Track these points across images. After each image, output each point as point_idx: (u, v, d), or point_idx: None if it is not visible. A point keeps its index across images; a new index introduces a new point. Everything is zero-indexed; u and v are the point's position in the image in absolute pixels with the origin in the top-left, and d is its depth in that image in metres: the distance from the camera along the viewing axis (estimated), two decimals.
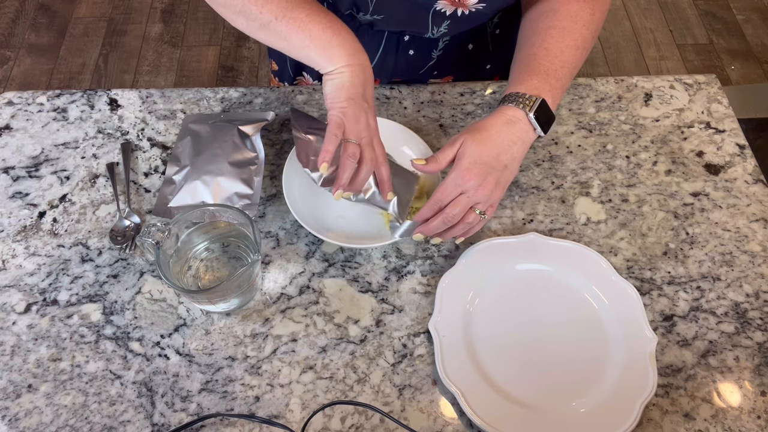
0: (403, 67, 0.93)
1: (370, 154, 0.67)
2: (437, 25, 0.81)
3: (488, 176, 0.67)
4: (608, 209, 0.80)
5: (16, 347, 0.69)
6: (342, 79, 0.66)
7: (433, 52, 0.91)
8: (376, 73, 0.94)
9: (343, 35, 0.67)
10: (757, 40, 2.29)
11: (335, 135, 0.64)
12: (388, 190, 0.70)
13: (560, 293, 0.73)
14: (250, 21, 0.68)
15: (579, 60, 0.74)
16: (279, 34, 0.68)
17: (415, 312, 0.72)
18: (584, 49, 0.74)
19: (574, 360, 0.68)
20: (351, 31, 0.68)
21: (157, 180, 0.82)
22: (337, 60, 0.66)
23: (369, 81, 0.67)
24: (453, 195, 0.68)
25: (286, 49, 0.69)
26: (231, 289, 0.66)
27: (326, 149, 0.64)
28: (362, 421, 0.64)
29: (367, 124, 0.67)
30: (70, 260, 0.75)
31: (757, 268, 0.76)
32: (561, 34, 0.73)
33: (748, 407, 0.66)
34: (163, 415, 0.65)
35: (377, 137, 0.68)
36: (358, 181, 0.67)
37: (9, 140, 0.85)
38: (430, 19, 0.80)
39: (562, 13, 0.73)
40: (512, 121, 0.69)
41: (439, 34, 0.84)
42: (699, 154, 0.86)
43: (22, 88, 2.11)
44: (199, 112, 0.88)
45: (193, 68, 2.19)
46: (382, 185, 0.70)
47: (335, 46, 0.66)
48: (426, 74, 0.96)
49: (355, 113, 0.65)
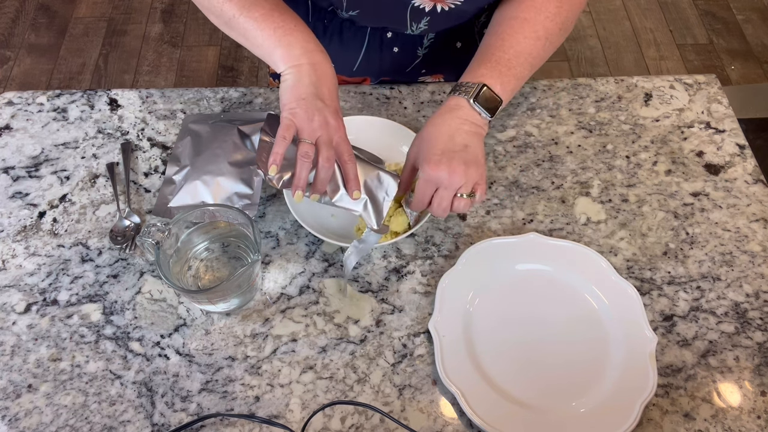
0: (389, 65, 0.93)
1: (326, 153, 0.63)
2: (416, 21, 0.81)
3: (452, 161, 0.66)
4: (608, 209, 0.80)
5: (16, 347, 0.68)
6: (291, 79, 0.65)
7: (418, 50, 0.90)
8: (363, 71, 0.94)
9: (295, 35, 0.66)
10: (757, 40, 2.29)
11: (283, 137, 0.63)
12: (353, 188, 0.66)
13: (560, 293, 0.73)
14: (217, 18, 0.70)
15: (540, 50, 0.73)
16: (239, 32, 0.69)
17: (415, 312, 0.72)
18: (547, 40, 0.73)
19: (574, 360, 0.68)
20: (307, 30, 0.68)
21: (157, 180, 0.82)
22: (287, 59, 0.66)
23: (324, 79, 0.66)
24: (430, 193, 0.68)
25: (249, 47, 0.70)
26: (231, 289, 0.66)
27: (275, 152, 0.62)
28: (362, 421, 0.64)
29: (323, 123, 0.64)
30: (70, 260, 0.75)
31: (757, 268, 0.76)
32: (521, 24, 0.73)
33: (748, 407, 0.66)
34: (163, 415, 0.65)
35: (339, 135, 0.65)
36: (318, 182, 0.64)
37: (9, 140, 0.85)
38: (408, 15, 0.80)
39: (526, 4, 0.74)
40: (454, 108, 0.70)
41: (420, 30, 0.84)
42: (699, 154, 0.86)
43: (22, 88, 2.11)
44: (199, 112, 0.88)
45: (193, 68, 2.18)
46: (348, 183, 0.66)
47: (284, 46, 0.66)
48: (414, 72, 0.95)
49: (306, 112, 0.63)
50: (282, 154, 0.63)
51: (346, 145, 0.66)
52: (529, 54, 0.72)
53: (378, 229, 0.68)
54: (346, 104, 0.89)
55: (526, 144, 0.86)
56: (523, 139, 0.86)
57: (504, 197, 0.81)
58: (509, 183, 0.82)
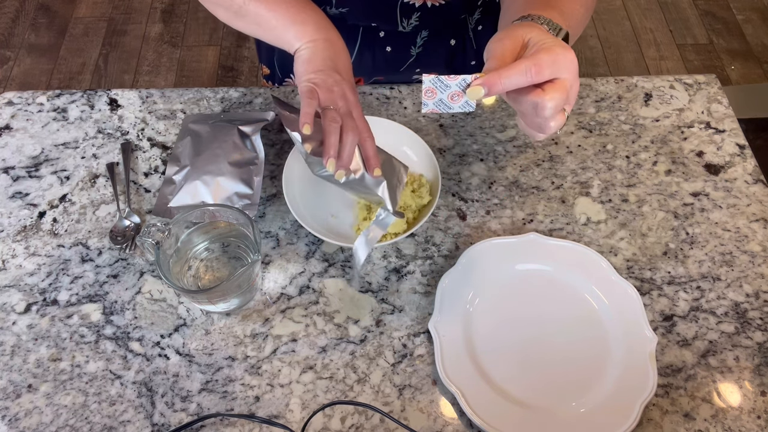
0: (382, 64, 0.92)
1: (350, 123, 0.61)
2: (406, 17, 0.81)
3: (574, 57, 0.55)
4: (608, 209, 0.80)
5: (16, 347, 0.68)
6: (307, 54, 0.65)
7: (411, 48, 0.90)
8: (356, 71, 0.94)
9: (308, 12, 0.66)
10: (757, 40, 2.29)
11: (310, 99, 0.60)
12: (374, 166, 0.63)
13: (560, 293, 0.73)
14: (226, 10, 0.70)
15: (583, 18, 0.67)
16: (251, 18, 0.69)
17: (415, 312, 0.72)
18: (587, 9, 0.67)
19: (574, 360, 0.68)
20: (318, 9, 0.68)
21: (157, 180, 0.82)
22: (301, 36, 0.66)
23: (340, 54, 0.65)
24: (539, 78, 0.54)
25: (261, 34, 0.69)
26: (231, 289, 0.66)
27: (305, 112, 0.59)
28: (362, 421, 0.64)
29: (342, 95, 0.62)
30: (70, 260, 0.75)
31: (757, 268, 0.76)
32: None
33: (748, 407, 0.66)
34: (163, 415, 0.65)
35: (357, 110, 0.63)
36: (345, 154, 0.61)
37: (9, 140, 0.85)
38: (398, 11, 0.80)
39: None
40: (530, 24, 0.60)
41: (411, 27, 0.83)
42: (699, 154, 0.86)
43: (22, 88, 2.11)
44: (199, 112, 0.88)
45: (193, 68, 2.19)
46: (368, 161, 0.63)
47: (298, 23, 0.66)
48: (407, 72, 0.95)
49: (326, 82, 0.62)
50: (312, 114, 0.59)
51: (364, 121, 0.64)
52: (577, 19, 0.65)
53: (395, 213, 0.65)
54: None
55: (526, 144, 0.86)
56: (523, 139, 0.86)
57: (504, 197, 0.81)
58: (509, 183, 0.82)
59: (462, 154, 0.85)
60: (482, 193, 0.81)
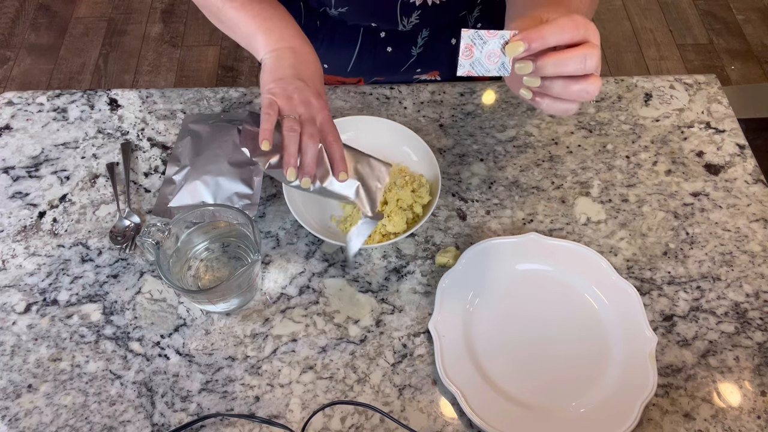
0: (383, 65, 0.92)
1: (310, 129, 0.61)
2: (407, 15, 0.80)
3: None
4: (608, 209, 0.80)
5: (16, 347, 0.69)
6: (270, 62, 0.65)
7: (412, 48, 0.90)
8: (357, 71, 0.94)
9: (274, 21, 0.67)
10: (757, 40, 2.29)
11: (268, 114, 0.60)
12: (340, 170, 0.62)
13: (560, 293, 0.73)
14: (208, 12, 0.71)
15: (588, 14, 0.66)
16: (227, 24, 0.70)
17: (415, 312, 0.72)
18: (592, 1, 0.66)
19: (574, 360, 0.68)
20: (288, 18, 0.68)
21: (157, 180, 0.82)
22: (265, 44, 0.66)
23: (306, 63, 0.65)
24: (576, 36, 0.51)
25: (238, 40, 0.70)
26: (231, 289, 0.66)
27: (263, 128, 0.59)
28: (362, 421, 0.64)
29: (304, 101, 0.62)
30: (70, 260, 0.75)
31: (757, 268, 0.76)
32: None
33: (748, 407, 0.66)
34: (163, 415, 0.65)
35: (323, 114, 0.63)
36: (305, 163, 0.61)
37: (9, 140, 0.85)
38: (398, 10, 0.79)
39: None
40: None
41: (411, 26, 0.83)
42: (699, 154, 0.86)
43: (22, 88, 2.11)
44: (199, 112, 0.88)
45: (193, 68, 2.19)
46: (333, 165, 0.63)
47: (261, 32, 0.66)
48: (408, 72, 0.95)
49: (285, 91, 0.62)
50: (271, 130, 0.60)
51: (331, 125, 0.63)
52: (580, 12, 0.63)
53: (372, 216, 0.65)
54: (346, 104, 0.89)
55: (526, 144, 0.86)
56: (523, 139, 0.86)
57: (504, 197, 0.81)
58: (509, 183, 0.82)
59: (462, 154, 0.85)
60: (482, 193, 0.81)
